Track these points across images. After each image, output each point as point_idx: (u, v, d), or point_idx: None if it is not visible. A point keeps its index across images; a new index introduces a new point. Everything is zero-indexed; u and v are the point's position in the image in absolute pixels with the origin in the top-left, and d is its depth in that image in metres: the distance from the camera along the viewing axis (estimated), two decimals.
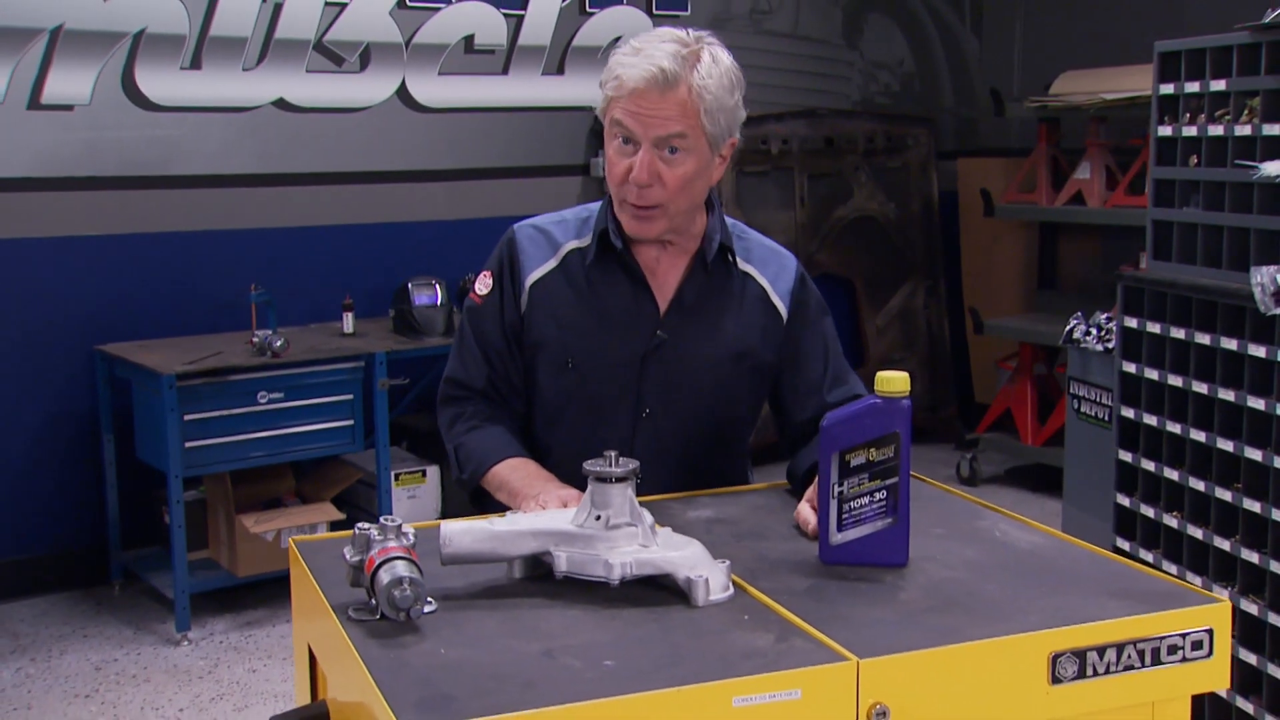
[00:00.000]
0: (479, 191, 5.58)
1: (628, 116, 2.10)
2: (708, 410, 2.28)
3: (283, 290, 4.84)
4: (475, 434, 2.27)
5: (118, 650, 4.33)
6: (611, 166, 2.15)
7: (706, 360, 2.25)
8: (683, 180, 2.13)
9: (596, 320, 2.25)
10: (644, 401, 2.24)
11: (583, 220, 2.32)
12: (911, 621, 1.60)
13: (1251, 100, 3.29)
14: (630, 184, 2.12)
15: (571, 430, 2.27)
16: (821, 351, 2.34)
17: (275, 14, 5.04)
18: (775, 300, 2.31)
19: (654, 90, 2.07)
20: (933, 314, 6.80)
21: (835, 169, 6.49)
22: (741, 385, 2.30)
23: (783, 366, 2.32)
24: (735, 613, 1.64)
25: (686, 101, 2.08)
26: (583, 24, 5.74)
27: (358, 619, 1.63)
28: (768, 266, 2.33)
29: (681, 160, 2.12)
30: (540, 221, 2.34)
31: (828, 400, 2.28)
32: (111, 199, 4.83)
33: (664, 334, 2.24)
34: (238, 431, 4.43)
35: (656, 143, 2.10)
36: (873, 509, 1.78)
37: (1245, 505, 3.20)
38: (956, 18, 7.09)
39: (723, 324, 2.27)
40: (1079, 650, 1.53)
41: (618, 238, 2.24)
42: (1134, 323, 3.61)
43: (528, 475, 2.16)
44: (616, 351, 2.24)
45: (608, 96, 2.12)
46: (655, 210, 2.15)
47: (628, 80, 2.08)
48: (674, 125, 2.08)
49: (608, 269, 2.26)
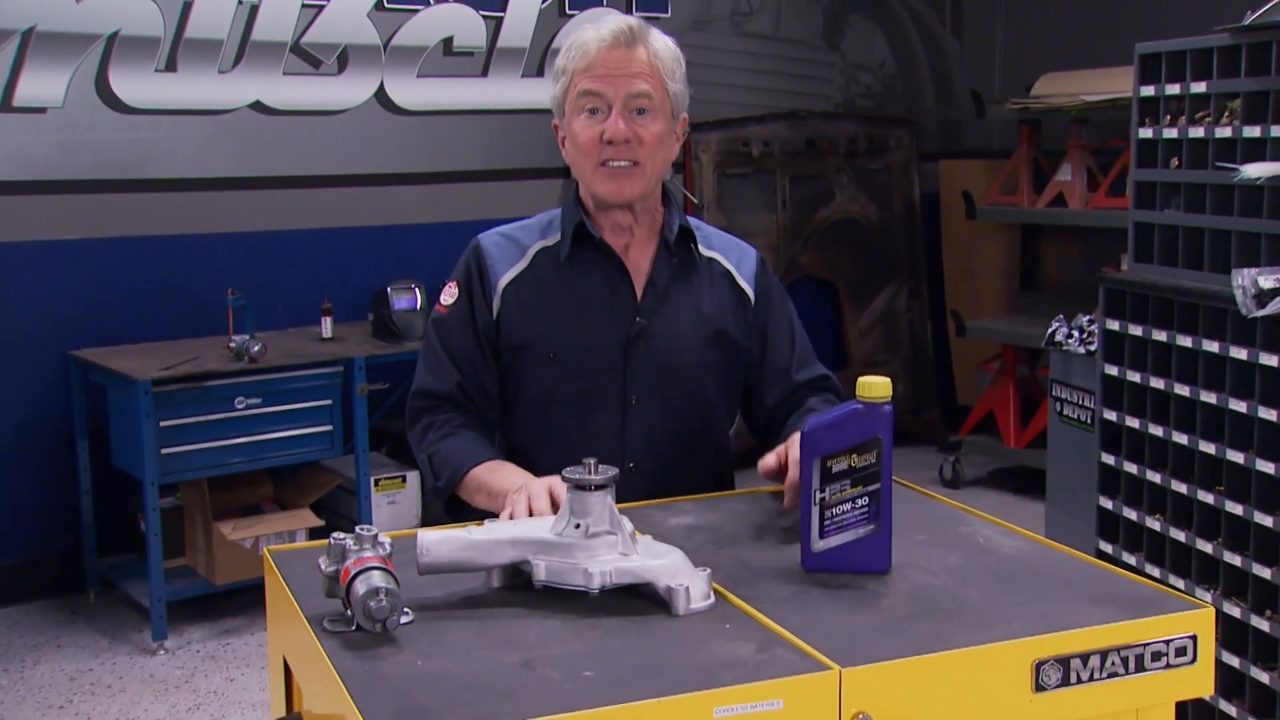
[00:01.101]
0: (458, 194, 5.55)
1: (596, 81, 2.15)
2: (692, 396, 2.29)
3: (260, 294, 4.80)
4: (448, 441, 2.25)
5: (93, 660, 4.28)
6: (580, 138, 2.18)
7: (687, 341, 2.28)
8: (657, 139, 2.18)
9: (575, 312, 2.26)
10: (630, 389, 2.25)
11: (546, 223, 2.35)
12: (894, 629, 1.58)
13: (1231, 102, 3.28)
14: (606, 145, 2.16)
15: (560, 426, 2.26)
16: (788, 333, 2.39)
17: (252, 15, 5.00)
18: (741, 283, 2.36)
19: (620, 47, 2.14)
20: (915, 316, 6.80)
21: (817, 171, 6.47)
22: (722, 366, 2.32)
23: (752, 350, 2.36)
24: (716, 621, 1.61)
25: (649, 61, 2.16)
26: (562, 26, 5.72)
27: (333, 630, 1.60)
28: (729, 252, 2.38)
29: (651, 120, 2.18)
30: (503, 229, 2.37)
31: (796, 380, 2.35)
32: (85, 202, 4.79)
33: (643, 319, 2.25)
34: (215, 438, 4.39)
35: (626, 102, 2.14)
36: (855, 515, 1.76)
37: (1228, 508, 3.19)
38: (937, 20, 7.09)
39: (698, 305, 2.30)
40: (1062, 658, 1.51)
41: (594, 227, 2.25)
42: (1116, 325, 3.60)
43: (507, 474, 2.15)
44: (598, 341, 2.25)
45: (570, 71, 2.17)
46: (635, 168, 2.19)
47: (593, 42, 2.14)
48: (641, 83, 2.15)
49: (582, 260, 2.28)
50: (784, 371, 2.36)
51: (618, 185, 2.19)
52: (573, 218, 2.27)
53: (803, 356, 2.39)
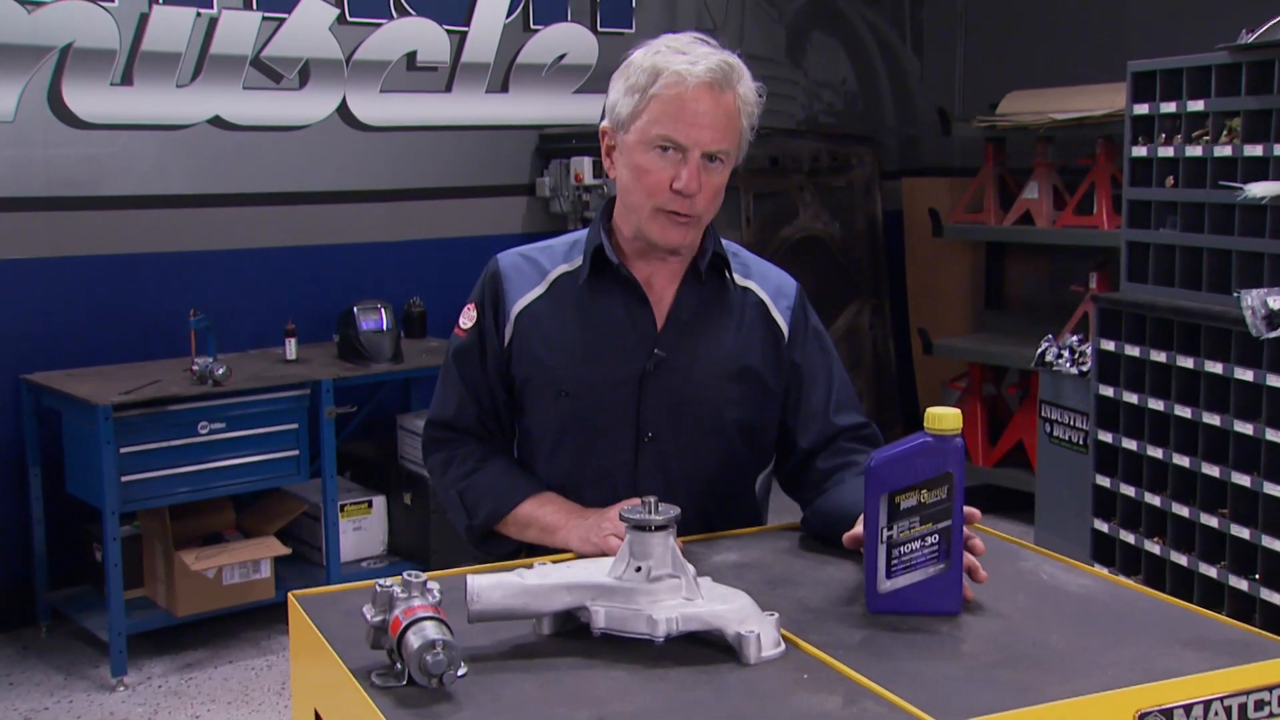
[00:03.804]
0: (422, 212, 5.42)
1: (679, 127, 2.00)
2: (712, 432, 2.15)
3: (222, 315, 4.64)
4: (479, 475, 2.14)
5: (48, 698, 4.09)
6: (649, 176, 2.04)
7: (708, 377, 2.14)
8: (717, 190, 2.07)
9: (591, 343, 2.14)
10: (645, 425, 2.12)
11: (570, 245, 2.22)
12: (983, 678, 1.49)
13: (1231, 121, 3.26)
14: (674, 193, 2.02)
15: (570, 461, 2.15)
16: (824, 374, 2.22)
17: (210, 29, 4.84)
18: (776, 316, 2.21)
19: (712, 91, 1.99)
20: (878, 334, 6.77)
21: (780, 188, 6.42)
22: (746, 404, 2.18)
23: (786, 389, 2.21)
24: (792, 671, 1.52)
25: (734, 109, 2.02)
26: (526, 41, 5.62)
27: (382, 685, 1.48)
28: (766, 282, 2.24)
29: (720, 170, 2.05)
30: (524, 249, 2.24)
31: (834, 423, 2.18)
32: (38, 220, 4.60)
33: (662, 352, 2.13)
34: (177, 464, 4.22)
35: (703, 153, 2.01)
36: (924, 554, 1.67)
37: (1233, 531, 3.15)
38: (898, 37, 7.07)
39: (723, 340, 2.16)
40: (1167, 709, 1.43)
41: (614, 253, 2.13)
42: (1111, 345, 3.56)
43: (559, 508, 2.05)
44: (613, 374, 2.12)
45: (651, 97, 2.01)
46: (693, 220, 2.07)
47: (687, 79, 1.98)
48: (723, 139, 2.01)
49: (602, 288, 2.15)
50: (819, 415, 2.19)
51: (677, 233, 2.07)
52: (594, 240, 2.16)
53: (841, 400, 2.21)
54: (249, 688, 4.15)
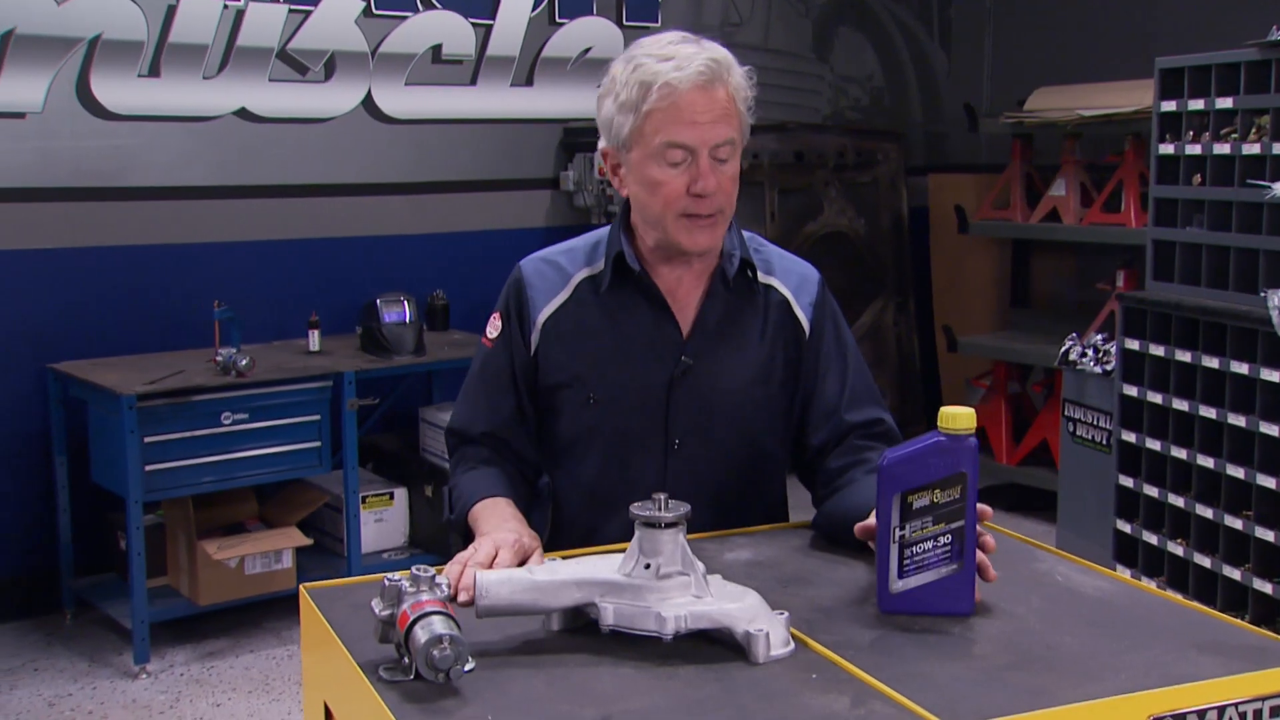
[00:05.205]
0: (446, 205, 5.42)
1: (683, 131, 1.98)
2: (740, 438, 2.15)
3: (246, 306, 4.66)
4: (467, 475, 2.15)
5: (71, 685, 4.12)
6: (665, 189, 2.02)
7: (736, 381, 2.13)
8: (734, 181, 2.06)
9: (617, 351, 2.13)
10: (673, 432, 2.11)
11: (592, 246, 2.20)
12: (994, 680, 1.48)
13: (1260, 118, 3.23)
14: (693, 197, 2.01)
15: (599, 469, 2.14)
16: (840, 368, 2.20)
17: (237, 21, 4.86)
18: (798, 313, 2.19)
19: (704, 89, 1.98)
20: (902, 331, 6.73)
21: (805, 184, 6.39)
22: (773, 406, 2.17)
23: (801, 383, 2.19)
24: (800, 671, 1.51)
25: (729, 99, 2.02)
26: (552, 34, 5.61)
27: (389, 680, 1.48)
28: (789, 278, 2.22)
29: (731, 162, 2.05)
30: (547, 253, 2.22)
31: (846, 420, 2.16)
32: (65, 210, 4.62)
33: (689, 359, 2.11)
34: (200, 454, 4.24)
35: (712, 151, 2.01)
36: (936, 554, 1.66)
37: (1258, 534, 3.12)
38: (925, 33, 7.04)
39: (749, 345, 2.15)
40: (1180, 714, 1.42)
41: (635, 260, 2.12)
42: (1135, 344, 3.53)
43: (491, 515, 2.02)
44: (640, 381, 2.11)
45: (646, 113, 1.99)
46: (717, 217, 2.06)
47: (678, 85, 1.97)
48: (725, 130, 2.01)
49: (625, 295, 2.14)
50: (832, 410, 2.16)
51: (706, 236, 2.06)
52: (616, 245, 2.14)
53: (856, 395, 2.17)
54: (270, 677, 4.17)
